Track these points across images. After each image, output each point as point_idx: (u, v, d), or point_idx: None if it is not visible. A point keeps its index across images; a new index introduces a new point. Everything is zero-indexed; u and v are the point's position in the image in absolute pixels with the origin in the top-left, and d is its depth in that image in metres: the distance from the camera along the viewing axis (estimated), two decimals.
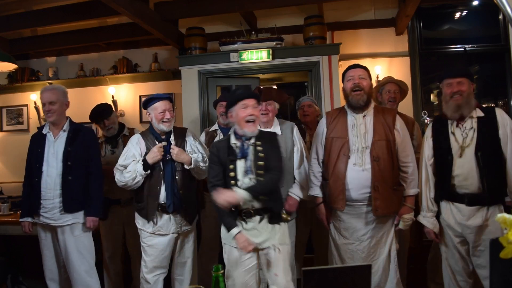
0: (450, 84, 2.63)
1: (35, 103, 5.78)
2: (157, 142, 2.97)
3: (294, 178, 3.05)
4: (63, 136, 3.15)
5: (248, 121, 2.45)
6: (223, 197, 2.35)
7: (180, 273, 3.14)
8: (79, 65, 5.80)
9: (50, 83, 5.65)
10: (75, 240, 3.11)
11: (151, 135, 3.02)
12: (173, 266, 3.15)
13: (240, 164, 2.47)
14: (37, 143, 3.19)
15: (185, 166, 2.95)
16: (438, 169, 2.71)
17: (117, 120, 3.78)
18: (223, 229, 2.57)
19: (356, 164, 2.70)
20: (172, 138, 3.04)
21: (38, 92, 5.64)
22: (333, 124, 2.86)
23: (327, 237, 3.00)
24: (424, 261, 3.51)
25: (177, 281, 3.15)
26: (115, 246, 3.72)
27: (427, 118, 4.52)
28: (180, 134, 3.10)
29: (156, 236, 2.98)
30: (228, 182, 2.47)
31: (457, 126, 2.63)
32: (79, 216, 3.13)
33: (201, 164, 2.98)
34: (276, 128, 3.06)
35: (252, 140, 2.51)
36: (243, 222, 2.47)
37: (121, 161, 2.99)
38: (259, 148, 2.50)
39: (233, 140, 2.53)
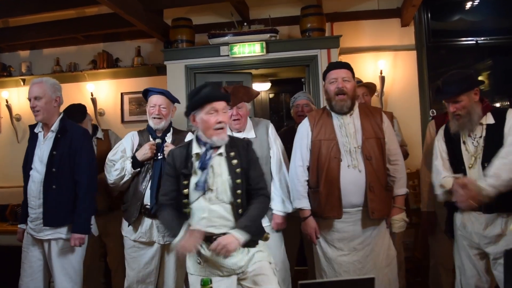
0: (448, 104, 2.65)
1: (7, 101, 5.64)
2: (151, 140, 2.97)
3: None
4: (51, 137, 2.96)
5: (217, 129, 2.23)
6: (188, 246, 2.16)
7: None
8: (55, 59, 5.69)
9: (23, 79, 5.59)
10: (61, 258, 2.91)
11: (146, 132, 3.04)
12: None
13: (195, 179, 2.24)
14: (30, 144, 3.04)
15: None
16: None
17: (90, 123, 3.77)
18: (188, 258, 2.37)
19: (351, 166, 2.72)
20: (169, 138, 3.02)
21: (10, 89, 5.68)
22: (318, 126, 2.83)
23: None
24: None
25: None
26: (92, 258, 3.63)
27: None
28: (179, 135, 3.08)
29: (140, 248, 2.94)
30: (181, 201, 2.27)
31: (468, 135, 2.63)
32: (62, 231, 2.91)
33: None
34: (249, 132, 2.97)
35: (222, 150, 2.29)
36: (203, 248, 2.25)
37: (110, 155, 3.02)
38: (234, 161, 2.27)
39: (195, 149, 2.30)
